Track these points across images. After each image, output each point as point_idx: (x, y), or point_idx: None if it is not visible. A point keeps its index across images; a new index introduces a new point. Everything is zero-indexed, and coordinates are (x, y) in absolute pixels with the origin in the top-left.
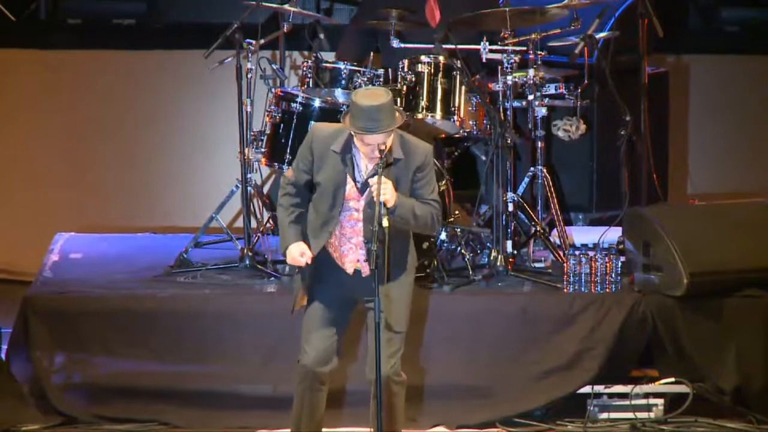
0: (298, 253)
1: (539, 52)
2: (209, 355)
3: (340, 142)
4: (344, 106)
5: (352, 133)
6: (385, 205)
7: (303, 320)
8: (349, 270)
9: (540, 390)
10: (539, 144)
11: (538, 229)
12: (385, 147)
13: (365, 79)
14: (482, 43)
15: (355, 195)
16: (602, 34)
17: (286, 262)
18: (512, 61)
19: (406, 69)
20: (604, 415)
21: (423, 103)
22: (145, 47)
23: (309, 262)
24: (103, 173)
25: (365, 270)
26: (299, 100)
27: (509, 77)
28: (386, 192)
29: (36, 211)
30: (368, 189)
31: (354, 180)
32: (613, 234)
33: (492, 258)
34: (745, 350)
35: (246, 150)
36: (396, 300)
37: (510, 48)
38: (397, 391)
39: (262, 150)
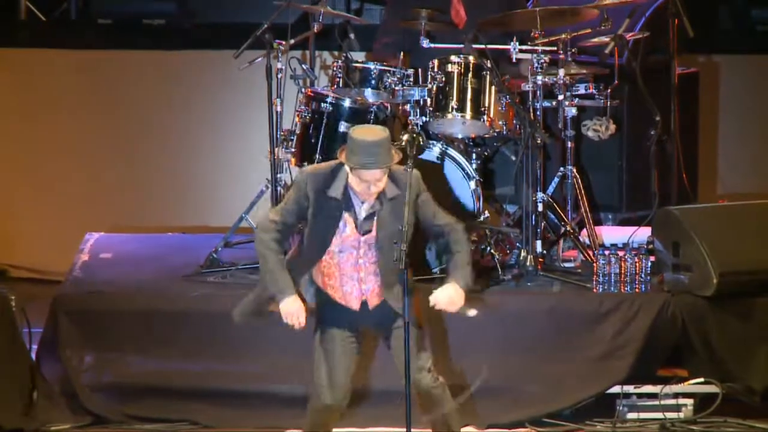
0: (296, 313)
1: (570, 50)
2: (239, 355)
3: (338, 187)
4: (373, 107)
5: (349, 168)
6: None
7: (314, 360)
8: (355, 306)
9: (569, 390)
10: (569, 144)
11: (567, 228)
12: (382, 183)
13: (395, 79)
14: (512, 43)
15: (355, 235)
16: (632, 34)
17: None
18: (542, 60)
19: (435, 69)
20: (634, 415)
21: (453, 103)
22: (175, 47)
23: (302, 327)
24: (133, 173)
25: (373, 302)
26: (329, 100)
27: (539, 77)
28: (456, 306)
29: (66, 211)
30: (369, 224)
31: (355, 222)
32: (642, 234)
33: (521, 258)
34: None
35: (276, 150)
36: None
37: (540, 48)
38: (439, 395)
39: (292, 150)
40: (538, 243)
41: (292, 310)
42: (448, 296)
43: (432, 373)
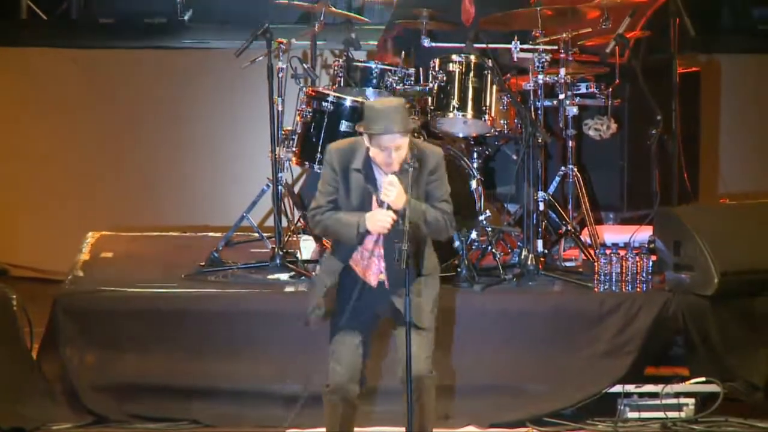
0: (381, 216)
1: (571, 50)
2: (239, 354)
3: (359, 159)
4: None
5: (370, 136)
6: (390, 207)
7: (330, 345)
8: (374, 282)
9: (571, 389)
10: (570, 143)
11: (568, 228)
12: (402, 151)
13: (396, 78)
14: (513, 43)
15: (376, 208)
16: (634, 33)
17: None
18: (543, 60)
19: (437, 68)
20: (635, 415)
21: (454, 102)
22: (176, 46)
23: (394, 219)
24: (134, 172)
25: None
26: (330, 99)
27: (540, 76)
28: (390, 194)
29: (67, 210)
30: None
31: (376, 195)
32: (643, 233)
33: (523, 257)
34: None
35: (277, 149)
36: (421, 299)
37: (541, 47)
38: (430, 388)
39: (293, 149)
40: (540, 242)
41: (381, 216)
42: (395, 190)
43: (429, 361)
